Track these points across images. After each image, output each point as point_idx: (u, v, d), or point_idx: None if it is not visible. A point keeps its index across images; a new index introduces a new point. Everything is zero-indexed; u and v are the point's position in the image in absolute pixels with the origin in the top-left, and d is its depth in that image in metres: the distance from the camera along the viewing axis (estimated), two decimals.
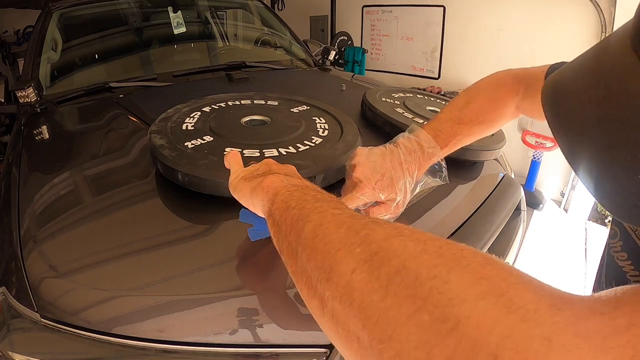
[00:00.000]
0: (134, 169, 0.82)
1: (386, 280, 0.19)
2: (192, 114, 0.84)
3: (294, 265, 0.27)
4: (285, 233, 0.29)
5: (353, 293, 0.20)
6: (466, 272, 0.18)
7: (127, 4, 1.66)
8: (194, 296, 0.52)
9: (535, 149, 2.62)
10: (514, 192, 0.95)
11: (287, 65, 1.74)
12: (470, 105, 0.59)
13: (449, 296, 0.17)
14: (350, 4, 3.80)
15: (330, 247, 0.23)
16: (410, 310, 0.18)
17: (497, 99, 0.59)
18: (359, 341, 0.19)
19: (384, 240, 0.22)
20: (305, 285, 0.25)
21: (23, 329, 0.52)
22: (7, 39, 3.85)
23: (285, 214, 0.30)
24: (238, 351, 0.50)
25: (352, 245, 0.22)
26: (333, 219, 0.26)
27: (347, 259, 0.22)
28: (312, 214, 0.27)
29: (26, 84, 1.14)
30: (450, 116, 0.59)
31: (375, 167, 0.53)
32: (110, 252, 0.58)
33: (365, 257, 0.21)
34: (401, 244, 0.21)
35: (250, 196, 0.38)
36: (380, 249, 0.21)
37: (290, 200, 0.31)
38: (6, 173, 0.90)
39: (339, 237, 0.24)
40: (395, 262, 0.20)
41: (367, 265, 0.21)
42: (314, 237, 0.25)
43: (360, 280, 0.20)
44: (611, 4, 2.27)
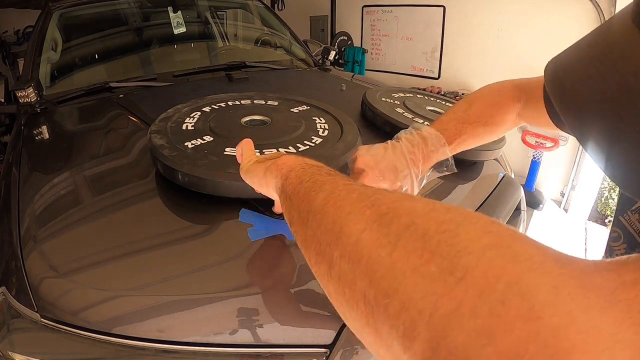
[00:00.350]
0: (134, 169, 0.82)
1: (395, 236, 0.19)
2: (192, 114, 0.84)
3: (304, 233, 0.27)
4: (297, 204, 0.29)
5: (362, 250, 0.20)
6: (474, 227, 0.18)
7: (127, 4, 1.66)
8: (194, 296, 0.52)
9: (535, 149, 2.62)
10: (514, 192, 0.95)
11: (287, 65, 1.74)
12: (473, 107, 0.59)
13: (457, 248, 0.17)
14: (350, 4, 3.80)
15: (341, 211, 0.24)
16: (417, 262, 0.18)
17: (499, 103, 0.60)
18: (365, 299, 0.19)
19: (393, 202, 0.22)
20: (314, 252, 0.25)
21: (23, 329, 0.52)
22: (7, 39, 3.85)
23: (298, 187, 0.30)
24: (238, 351, 0.50)
25: (362, 208, 0.23)
26: (345, 187, 0.26)
27: (357, 219, 0.22)
28: (325, 184, 0.28)
29: (26, 84, 1.14)
30: (454, 117, 0.59)
31: (376, 157, 0.54)
32: (110, 252, 0.58)
33: (375, 217, 0.21)
34: (410, 203, 0.21)
35: (264, 175, 0.38)
36: (390, 209, 0.21)
37: (303, 175, 0.31)
38: (6, 173, 0.90)
39: (349, 202, 0.24)
40: (404, 219, 0.20)
41: (376, 224, 0.21)
42: (325, 204, 0.25)
43: (369, 238, 0.20)
44: (611, 4, 2.27)
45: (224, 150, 0.69)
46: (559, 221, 2.60)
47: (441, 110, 1.08)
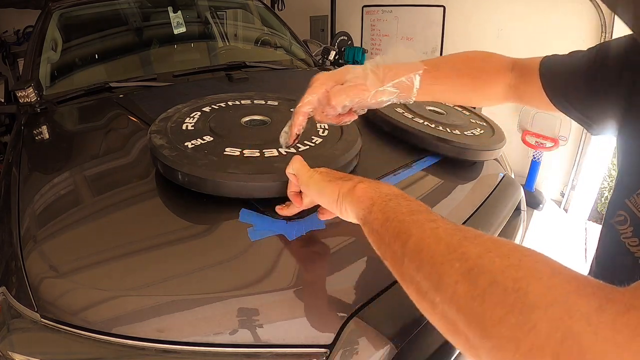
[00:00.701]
0: (134, 169, 0.82)
1: (482, 291, 0.25)
2: (192, 114, 0.84)
3: (401, 271, 0.33)
4: (389, 243, 0.35)
5: (459, 300, 0.27)
6: (540, 284, 0.24)
7: (127, 4, 1.66)
8: (194, 296, 0.52)
9: (535, 149, 2.62)
10: (514, 192, 0.95)
11: (287, 65, 1.74)
12: (462, 55, 0.58)
13: (529, 304, 0.23)
14: (350, 4, 3.80)
15: (435, 262, 0.29)
16: (501, 314, 0.24)
17: (492, 62, 0.58)
18: (466, 337, 0.26)
19: (477, 257, 0.27)
20: (415, 291, 0.31)
21: (23, 329, 0.52)
22: (7, 39, 3.85)
23: (385, 225, 0.36)
24: (238, 351, 0.50)
25: (452, 261, 0.28)
26: (431, 233, 0.31)
27: (450, 271, 0.28)
28: (412, 227, 0.33)
29: (26, 84, 1.14)
30: (441, 58, 0.58)
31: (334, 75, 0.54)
32: (110, 252, 0.58)
33: (464, 271, 0.27)
34: (490, 260, 0.27)
35: (342, 202, 0.44)
36: (475, 265, 0.27)
37: (387, 212, 0.37)
38: (6, 173, 0.90)
39: (440, 252, 0.29)
40: (488, 276, 0.26)
41: (466, 279, 0.27)
42: (419, 251, 0.31)
43: (463, 291, 0.26)
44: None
45: (224, 150, 0.69)
46: (559, 221, 2.60)
47: (441, 110, 1.08)
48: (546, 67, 0.53)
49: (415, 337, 0.54)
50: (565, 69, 0.51)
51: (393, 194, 0.39)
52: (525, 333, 0.22)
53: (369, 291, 0.57)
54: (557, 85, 0.52)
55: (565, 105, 0.52)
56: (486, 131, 1.01)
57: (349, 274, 0.60)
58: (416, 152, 0.90)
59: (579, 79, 0.49)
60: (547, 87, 0.53)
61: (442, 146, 0.88)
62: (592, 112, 0.49)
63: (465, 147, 0.88)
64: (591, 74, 0.47)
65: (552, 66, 0.53)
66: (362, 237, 0.66)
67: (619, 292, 0.23)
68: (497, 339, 0.24)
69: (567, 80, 0.51)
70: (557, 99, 0.52)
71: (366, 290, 0.57)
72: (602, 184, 2.83)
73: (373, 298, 0.56)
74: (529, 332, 0.22)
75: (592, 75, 0.47)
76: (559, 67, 0.52)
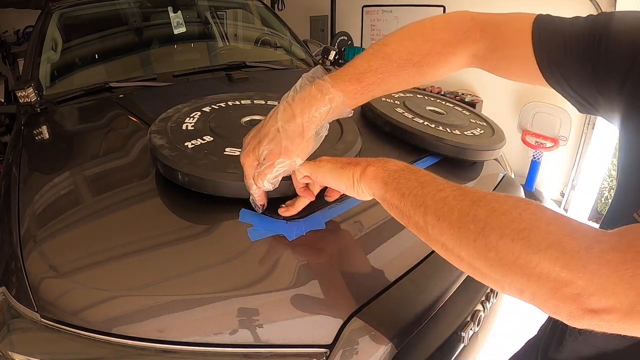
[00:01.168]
0: (134, 169, 0.82)
1: (495, 243, 0.32)
2: (192, 114, 0.84)
3: (426, 237, 0.39)
4: (410, 215, 0.40)
5: (479, 252, 0.33)
6: (538, 232, 0.30)
7: (127, 4, 1.66)
8: (194, 296, 0.52)
9: (535, 149, 2.62)
10: (514, 192, 0.95)
11: (287, 65, 1.74)
12: (404, 42, 0.49)
13: (532, 249, 0.30)
14: (350, 4, 3.80)
15: (453, 226, 0.35)
16: (513, 258, 0.31)
17: (442, 42, 0.49)
18: (490, 277, 0.34)
19: (486, 217, 0.33)
20: (442, 249, 0.38)
21: (23, 329, 0.52)
22: (7, 39, 3.84)
23: (403, 200, 0.41)
24: (238, 351, 0.50)
25: (467, 224, 0.34)
26: (444, 203, 0.37)
27: (467, 233, 0.34)
28: (426, 200, 0.39)
29: (26, 84, 1.14)
30: (372, 52, 0.49)
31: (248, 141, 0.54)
32: (110, 252, 0.58)
33: (478, 230, 0.33)
34: (497, 219, 0.33)
35: (357, 186, 0.48)
36: (486, 224, 0.33)
37: (401, 188, 0.42)
38: (6, 173, 0.90)
39: (455, 218, 0.35)
40: (497, 232, 0.32)
41: (481, 236, 0.33)
42: (438, 219, 0.37)
43: (481, 245, 0.33)
44: (611, 4, 2.27)
45: (224, 150, 0.69)
46: None
47: (441, 110, 1.08)
48: (541, 36, 0.46)
49: (415, 337, 0.54)
50: (562, 42, 0.44)
51: (400, 169, 0.45)
52: (532, 269, 0.29)
53: (369, 291, 0.57)
54: (553, 59, 0.45)
55: (560, 83, 0.45)
56: (486, 131, 1.01)
57: (349, 274, 0.60)
58: (416, 152, 0.90)
59: (578, 57, 0.43)
60: (541, 61, 0.45)
61: (442, 146, 0.88)
62: (590, 96, 0.44)
63: (465, 147, 0.88)
64: (593, 56, 0.41)
65: (549, 37, 0.46)
66: (362, 237, 0.66)
67: (606, 235, 0.29)
68: (512, 276, 0.31)
69: (565, 54, 0.44)
70: (552, 75, 0.46)
71: (366, 290, 0.57)
72: (602, 184, 2.83)
73: (373, 298, 0.56)
74: (534, 269, 0.29)
75: (593, 57, 0.41)
76: (557, 38, 0.45)
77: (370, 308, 0.54)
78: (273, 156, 0.50)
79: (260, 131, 0.52)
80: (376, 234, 0.67)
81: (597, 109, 0.45)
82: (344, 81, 0.48)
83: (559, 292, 0.28)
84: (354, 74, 0.48)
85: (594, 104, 0.45)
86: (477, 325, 0.68)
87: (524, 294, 0.31)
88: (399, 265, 0.62)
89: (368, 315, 0.53)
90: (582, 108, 0.47)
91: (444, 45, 0.49)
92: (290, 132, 0.49)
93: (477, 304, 0.70)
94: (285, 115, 0.49)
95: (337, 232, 0.66)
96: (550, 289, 0.29)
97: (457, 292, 0.63)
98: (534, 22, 0.47)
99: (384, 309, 0.55)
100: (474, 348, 0.73)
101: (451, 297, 0.62)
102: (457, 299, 0.64)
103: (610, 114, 0.44)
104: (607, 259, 0.27)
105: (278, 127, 0.49)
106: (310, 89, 0.48)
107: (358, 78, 0.48)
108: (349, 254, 0.64)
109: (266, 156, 0.50)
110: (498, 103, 2.94)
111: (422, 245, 0.69)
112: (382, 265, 0.62)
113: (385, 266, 0.62)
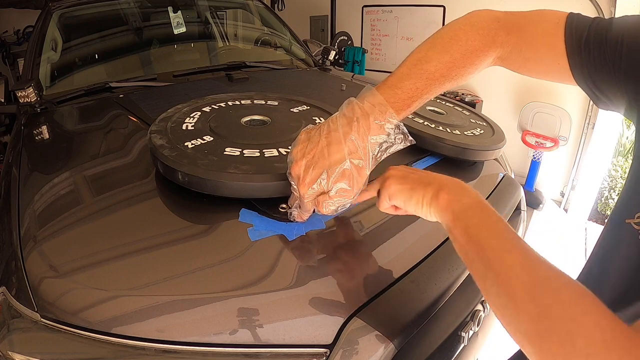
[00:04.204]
0: (134, 169, 0.82)
1: (545, 331, 0.31)
2: (192, 114, 0.84)
3: (484, 287, 0.37)
4: (472, 260, 0.39)
5: (527, 332, 0.32)
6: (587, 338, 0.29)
7: (127, 4, 1.66)
8: (194, 296, 0.52)
9: (535, 149, 2.62)
10: (514, 192, 0.95)
11: (287, 65, 1.74)
12: (445, 57, 0.50)
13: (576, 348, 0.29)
14: (350, 4, 3.80)
15: (516, 299, 0.33)
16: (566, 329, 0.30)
17: (477, 51, 0.50)
18: (525, 334, 0.32)
19: (545, 307, 0.32)
20: (496, 311, 0.36)
21: (23, 329, 0.52)
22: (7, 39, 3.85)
23: (469, 242, 0.39)
24: (238, 351, 0.50)
25: (526, 303, 0.33)
26: (508, 270, 0.35)
27: (522, 317, 0.33)
28: (492, 257, 0.36)
29: (26, 84, 1.14)
30: (416, 72, 0.50)
31: (310, 163, 0.51)
32: (110, 252, 0.58)
33: (534, 316, 0.32)
34: (557, 313, 0.31)
35: (428, 211, 0.46)
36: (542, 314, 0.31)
37: (470, 230, 0.40)
38: (6, 173, 0.90)
39: (518, 292, 0.33)
40: (550, 296, 0.32)
41: (535, 323, 0.31)
42: (499, 285, 0.35)
43: (532, 330, 0.32)
44: (611, 4, 2.27)
45: (224, 150, 0.69)
46: (559, 221, 2.60)
47: (441, 110, 1.08)
48: (574, 38, 0.46)
49: (415, 337, 0.54)
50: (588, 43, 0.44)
51: (475, 204, 0.42)
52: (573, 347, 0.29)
53: (369, 291, 0.57)
54: (585, 64, 0.45)
55: (588, 83, 0.46)
56: (486, 131, 1.01)
57: (349, 274, 0.60)
58: (416, 152, 0.90)
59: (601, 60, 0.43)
60: (574, 64, 0.45)
61: (442, 146, 0.88)
62: (610, 92, 0.44)
63: (465, 147, 0.88)
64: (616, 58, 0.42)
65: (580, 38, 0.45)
66: (362, 237, 0.66)
67: (631, 332, 0.28)
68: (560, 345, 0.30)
69: (589, 55, 0.44)
70: (582, 77, 0.46)
71: (366, 290, 0.57)
72: (602, 184, 2.83)
73: (373, 298, 0.56)
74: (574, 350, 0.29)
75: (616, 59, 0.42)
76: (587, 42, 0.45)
77: (370, 308, 0.54)
78: (344, 192, 0.51)
79: (320, 159, 0.50)
80: (376, 234, 0.67)
81: (619, 109, 0.46)
82: (399, 110, 0.50)
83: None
84: (404, 99, 0.50)
85: (618, 105, 0.45)
86: (477, 325, 0.68)
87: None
88: (399, 265, 0.62)
89: (368, 315, 0.53)
90: (605, 107, 0.47)
91: (476, 54, 0.50)
92: (356, 166, 0.50)
93: (477, 304, 0.70)
94: (350, 147, 0.50)
95: (337, 232, 0.66)
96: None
97: (457, 292, 0.63)
98: (567, 26, 0.47)
99: (384, 309, 0.55)
100: (474, 348, 0.73)
101: (451, 297, 0.62)
102: (457, 299, 0.64)
103: (631, 116, 0.44)
104: None
105: (346, 162, 0.50)
106: (368, 120, 0.50)
107: (408, 104, 0.50)
108: (349, 254, 0.64)
109: (338, 191, 0.51)
110: (498, 103, 2.94)
111: (422, 245, 0.69)
112: (382, 265, 0.62)
113: (385, 266, 0.62)
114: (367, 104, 0.50)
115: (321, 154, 0.50)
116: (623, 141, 3.07)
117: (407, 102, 0.50)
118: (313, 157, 0.50)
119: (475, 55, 0.50)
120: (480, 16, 0.51)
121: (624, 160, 2.97)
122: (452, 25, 0.52)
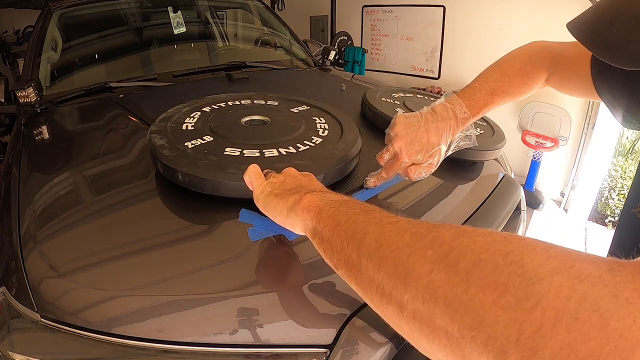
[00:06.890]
0: (134, 169, 0.82)
1: (465, 274, 0.21)
2: (192, 114, 0.84)
3: (359, 277, 0.28)
4: (341, 248, 0.30)
5: (436, 291, 0.22)
6: (535, 254, 0.20)
7: (127, 4, 1.66)
8: (194, 296, 0.52)
9: (535, 149, 2.62)
10: (514, 192, 0.95)
11: (287, 65, 1.74)
12: (504, 78, 0.63)
13: (527, 277, 0.20)
14: (350, 4, 3.80)
15: (400, 254, 0.25)
16: (494, 295, 0.20)
17: (530, 75, 0.63)
18: (448, 334, 0.21)
19: (453, 240, 0.24)
20: (377, 294, 0.27)
21: (23, 329, 0.52)
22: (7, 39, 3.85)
23: (336, 229, 0.31)
24: (238, 351, 0.50)
25: (422, 249, 0.24)
26: (392, 227, 0.27)
27: (421, 261, 0.24)
28: (368, 225, 0.29)
29: (26, 84, 1.14)
30: (484, 87, 0.63)
31: (413, 140, 0.61)
32: (110, 252, 0.58)
33: (439, 257, 0.23)
34: (470, 240, 0.23)
35: (288, 215, 0.39)
36: (452, 248, 0.23)
37: (337, 216, 0.32)
38: (6, 173, 0.90)
39: (405, 243, 0.25)
40: (470, 257, 0.22)
41: (443, 264, 0.23)
42: (379, 247, 0.26)
43: (440, 279, 0.22)
44: None
45: (224, 150, 0.69)
46: (559, 221, 2.60)
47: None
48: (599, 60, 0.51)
49: None
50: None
51: (344, 200, 0.35)
52: (529, 311, 0.18)
53: None
54: (605, 80, 0.53)
55: (610, 99, 0.53)
56: (486, 131, 1.01)
57: None
58: None
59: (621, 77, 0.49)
60: (598, 83, 0.54)
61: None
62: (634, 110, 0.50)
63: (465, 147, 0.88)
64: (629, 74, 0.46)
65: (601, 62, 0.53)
66: None
67: (625, 260, 0.20)
68: (492, 327, 0.19)
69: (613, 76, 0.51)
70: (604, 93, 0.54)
71: None
72: (602, 184, 2.83)
73: None
74: (533, 310, 0.18)
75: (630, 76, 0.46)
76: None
77: (371, 308, 0.54)
78: (430, 167, 0.65)
79: (422, 139, 0.62)
80: None
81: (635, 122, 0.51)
82: (474, 115, 0.63)
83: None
84: (476, 108, 0.63)
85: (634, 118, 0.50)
86: None
87: (508, 355, 0.19)
88: None
89: (368, 315, 0.53)
90: (624, 121, 0.53)
91: (530, 77, 0.64)
92: (440, 151, 0.64)
93: None
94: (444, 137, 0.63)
95: None
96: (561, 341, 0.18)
97: None
98: None
99: None
100: None
101: None
102: None
103: None
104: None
105: (440, 146, 0.63)
106: (457, 120, 0.62)
107: (477, 111, 0.63)
108: None
109: (427, 165, 0.64)
110: None
111: None
112: None
113: None
114: (457, 108, 0.62)
115: (422, 136, 0.62)
116: (623, 141, 3.07)
117: (477, 110, 0.63)
118: (415, 137, 0.61)
119: (528, 77, 0.63)
120: (534, 47, 0.66)
121: (624, 160, 2.97)
122: (510, 56, 0.66)
